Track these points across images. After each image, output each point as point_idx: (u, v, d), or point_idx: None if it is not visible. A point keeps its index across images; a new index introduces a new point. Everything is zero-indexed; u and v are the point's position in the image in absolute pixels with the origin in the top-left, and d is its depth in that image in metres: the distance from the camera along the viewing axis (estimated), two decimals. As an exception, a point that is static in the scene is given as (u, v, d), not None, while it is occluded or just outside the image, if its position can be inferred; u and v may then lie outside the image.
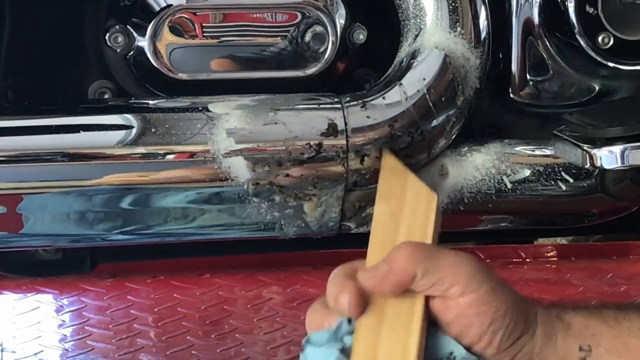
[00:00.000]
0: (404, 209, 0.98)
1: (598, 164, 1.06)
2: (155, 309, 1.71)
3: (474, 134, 1.24)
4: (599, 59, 1.18)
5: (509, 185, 1.15)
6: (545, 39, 1.20)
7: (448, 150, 1.14)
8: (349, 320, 0.90)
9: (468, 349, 0.90)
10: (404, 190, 1.00)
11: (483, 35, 1.14)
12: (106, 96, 1.18)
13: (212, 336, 1.66)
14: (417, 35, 1.13)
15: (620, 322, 0.95)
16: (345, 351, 0.89)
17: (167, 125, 1.07)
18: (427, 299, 0.90)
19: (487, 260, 1.71)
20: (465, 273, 0.90)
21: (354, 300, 0.90)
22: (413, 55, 1.12)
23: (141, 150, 1.06)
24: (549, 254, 1.86)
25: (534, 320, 0.93)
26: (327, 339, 0.90)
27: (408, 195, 0.99)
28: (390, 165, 1.05)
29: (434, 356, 0.90)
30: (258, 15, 1.16)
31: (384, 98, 1.10)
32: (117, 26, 1.17)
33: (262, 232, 1.12)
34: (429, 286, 0.90)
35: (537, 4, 1.19)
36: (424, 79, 1.10)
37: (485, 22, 1.14)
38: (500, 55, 1.22)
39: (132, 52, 1.17)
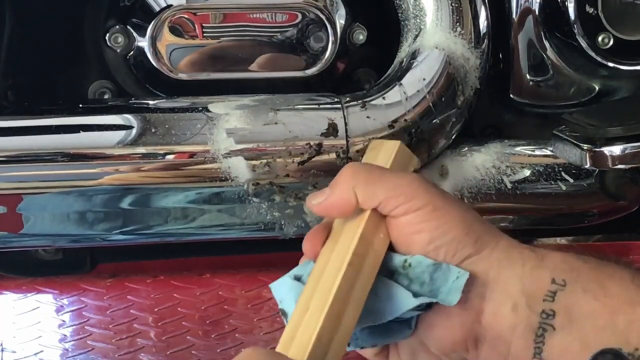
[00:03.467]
0: (375, 162, 0.98)
1: (598, 163, 1.06)
2: (155, 309, 1.71)
3: (474, 134, 1.24)
4: (599, 59, 1.18)
5: (509, 185, 1.15)
6: (545, 39, 1.20)
7: (448, 150, 1.14)
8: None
9: None
10: (377, 154, 0.99)
11: (483, 35, 1.14)
12: (106, 96, 1.18)
13: (212, 336, 1.66)
14: (417, 36, 1.13)
15: (602, 266, 0.87)
16: (302, 279, 0.89)
17: (167, 125, 1.07)
18: (379, 216, 0.89)
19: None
20: (406, 193, 0.87)
21: (308, 243, 0.91)
22: (413, 55, 1.12)
23: (141, 150, 1.06)
24: (549, 254, 1.86)
25: (490, 243, 0.87)
26: (289, 274, 0.92)
27: (379, 155, 0.99)
28: (372, 145, 1.04)
29: (389, 269, 0.88)
30: (258, 15, 1.16)
31: (384, 98, 1.10)
32: (117, 26, 1.17)
33: (262, 232, 1.12)
34: (374, 206, 0.88)
35: (537, 4, 1.19)
36: (424, 79, 1.10)
37: (485, 22, 1.14)
38: (500, 55, 1.22)
39: (132, 52, 1.17)
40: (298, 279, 0.90)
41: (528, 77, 1.22)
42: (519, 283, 0.86)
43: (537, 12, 1.19)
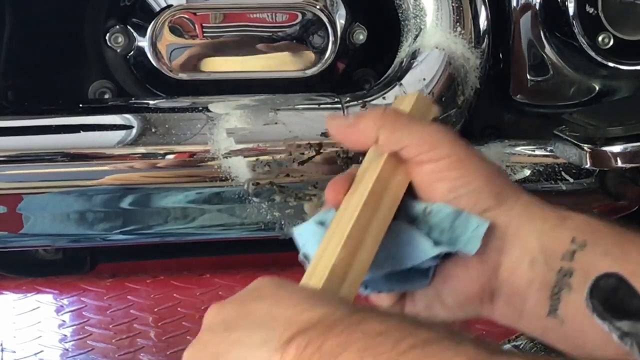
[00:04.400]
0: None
1: (598, 163, 1.06)
2: (155, 309, 1.71)
3: (474, 134, 1.24)
4: (599, 59, 1.18)
5: (509, 185, 1.15)
6: (545, 39, 1.20)
7: (448, 150, 1.14)
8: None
9: None
10: (400, 104, 0.99)
11: (483, 35, 1.14)
12: (106, 96, 1.18)
13: (212, 336, 1.66)
14: (417, 36, 1.13)
15: (625, 232, 0.85)
16: (325, 224, 0.89)
17: (167, 125, 1.07)
18: (398, 159, 0.88)
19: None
20: (431, 142, 0.86)
21: (330, 191, 0.90)
22: (413, 55, 1.12)
23: (141, 150, 1.06)
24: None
25: (511, 198, 0.86)
26: (311, 219, 0.90)
27: (403, 103, 0.98)
28: (397, 100, 1.03)
29: (410, 216, 0.88)
30: (258, 15, 1.16)
31: (384, 98, 1.10)
32: (117, 26, 1.17)
33: (262, 232, 1.12)
34: (395, 150, 0.87)
35: (537, 4, 1.19)
36: (424, 79, 1.10)
37: (485, 22, 1.14)
38: (500, 55, 1.22)
39: (132, 52, 1.17)
40: (321, 224, 0.90)
41: (528, 77, 1.22)
42: (539, 240, 0.84)
43: (537, 12, 1.19)
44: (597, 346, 0.81)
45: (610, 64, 1.18)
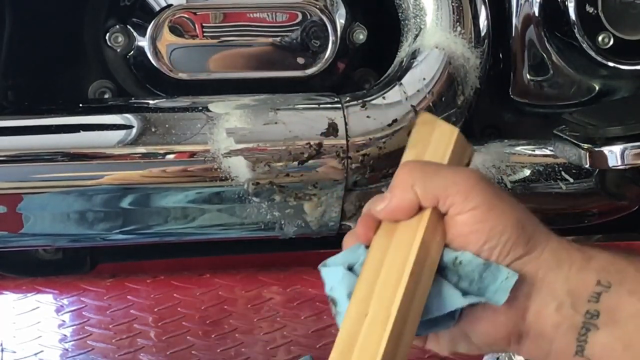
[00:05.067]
0: (428, 149, 0.97)
1: (598, 163, 1.06)
2: (155, 309, 1.71)
3: (474, 134, 1.24)
4: (599, 59, 1.18)
5: (509, 185, 1.15)
6: (545, 39, 1.20)
7: (448, 150, 1.14)
8: (367, 246, 0.90)
9: None
10: (430, 135, 0.98)
11: (483, 35, 1.14)
12: (106, 96, 1.18)
13: (212, 336, 1.66)
14: (417, 35, 1.13)
15: None
16: (354, 269, 0.89)
17: (167, 125, 1.07)
18: (438, 215, 0.89)
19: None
20: (462, 191, 0.88)
21: (362, 225, 0.91)
22: (413, 55, 1.12)
23: (141, 150, 1.06)
24: (549, 254, 1.86)
25: (541, 243, 0.88)
26: (340, 259, 0.91)
27: (434, 137, 0.98)
28: (422, 119, 1.03)
29: (440, 265, 0.89)
30: (258, 15, 1.16)
31: (384, 98, 1.10)
32: (117, 26, 1.17)
33: (262, 232, 1.12)
34: (434, 203, 0.89)
35: (537, 4, 1.19)
36: (424, 79, 1.10)
37: (485, 22, 1.14)
38: (500, 55, 1.22)
39: (132, 52, 1.17)
40: (350, 268, 0.90)
41: (528, 77, 1.22)
42: (565, 284, 0.87)
43: (537, 12, 1.19)
44: None
45: (610, 64, 1.18)
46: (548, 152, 1.16)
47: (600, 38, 1.17)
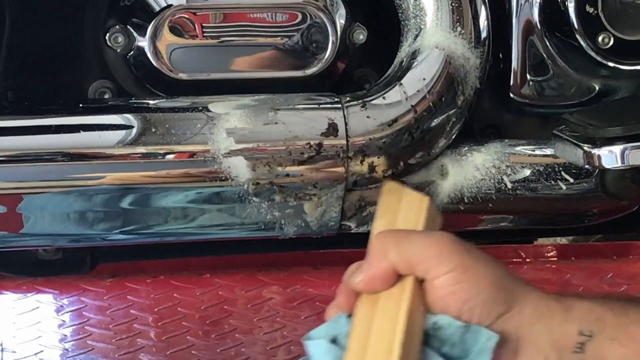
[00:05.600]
0: (398, 218, 0.99)
1: (598, 163, 1.06)
2: (155, 309, 1.71)
3: (474, 134, 1.24)
4: (599, 59, 1.18)
5: (509, 185, 1.15)
6: (545, 39, 1.20)
7: (448, 150, 1.14)
8: (349, 315, 0.90)
9: None
10: (399, 203, 1.01)
11: (483, 35, 1.14)
12: (106, 96, 1.18)
13: (212, 336, 1.66)
14: (417, 35, 1.13)
15: (627, 311, 0.91)
16: (338, 341, 0.89)
17: (167, 125, 1.06)
18: (418, 282, 0.90)
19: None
20: (435, 255, 0.89)
21: (342, 295, 0.92)
22: (413, 55, 1.12)
23: (141, 150, 1.06)
24: (549, 254, 1.86)
25: (520, 299, 0.90)
26: (323, 332, 0.91)
27: (402, 205, 1.00)
28: (388, 187, 1.05)
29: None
30: (258, 15, 1.16)
31: (384, 98, 1.10)
32: (117, 26, 1.17)
33: (262, 232, 1.12)
34: (410, 270, 0.89)
35: (537, 4, 1.19)
36: (424, 79, 1.10)
37: (485, 22, 1.14)
38: (500, 55, 1.22)
39: (132, 52, 1.17)
40: (333, 340, 0.90)
41: (528, 77, 1.22)
42: (549, 337, 0.89)
43: (537, 12, 1.19)
44: None
45: (610, 64, 1.18)
46: (548, 152, 1.16)
47: (600, 38, 1.17)
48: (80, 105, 1.10)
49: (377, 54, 1.21)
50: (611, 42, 1.17)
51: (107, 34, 1.17)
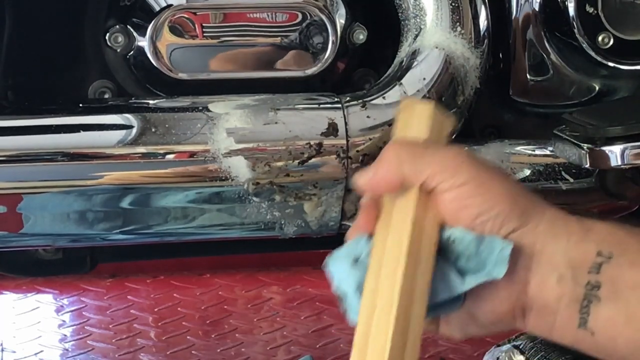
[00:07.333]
0: (410, 131, 0.97)
1: (598, 163, 1.06)
2: (155, 309, 1.71)
3: (474, 134, 1.24)
4: (599, 59, 1.18)
5: (509, 185, 1.15)
6: (545, 39, 1.20)
7: (448, 150, 1.14)
8: (370, 236, 0.90)
9: None
10: (411, 117, 0.98)
11: (483, 35, 1.14)
12: (106, 96, 1.18)
13: (212, 336, 1.66)
14: (417, 35, 1.13)
15: None
16: (360, 261, 0.89)
17: (167, 125, 1.07)
18: (425, 193, 0.88)
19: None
20: (450, 168, 0.87)
21: (362, 217, 0.91)
22: (413, 55, 1.12)
23: (141, 150, 1.06)
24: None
25: (536, 216, 0.87)
26: (344, 253, 0.90)
27: (413, 119, 0.97)
28: (403, 106, 1.02)
29: (439, 246, 0.88)
30: (258, 15, 1.16)
31: (384, 98, 1.10)
32: (117, 26, 1.17)
33: (262, 232, 1.12)
34: (421, 182, 0.88)
35: (537, 4, 1.19)
36: (424, 79, 1.10)
37: (485, 22, 1.14)
38: (500, 55, 1.22)
39: (132, 52, 1.17)
40: (356, 260, 0.90)
41: (528, 77, 1.22)
42: (565, 255, 0.86)
43: (537, 12, 1.19)
44: (629, 353, 0.84)
45: (610, 64, 1.18)
46: (548, 152, 1.16)
47: (600, 38, 1.17)
48: (80, 105, 1.11)
49: (377, 54, 1.21)
50: (611, 42, 1.17)
51: (107, 34, 1.17)
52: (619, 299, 0.84)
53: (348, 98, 1.10)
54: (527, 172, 1.15)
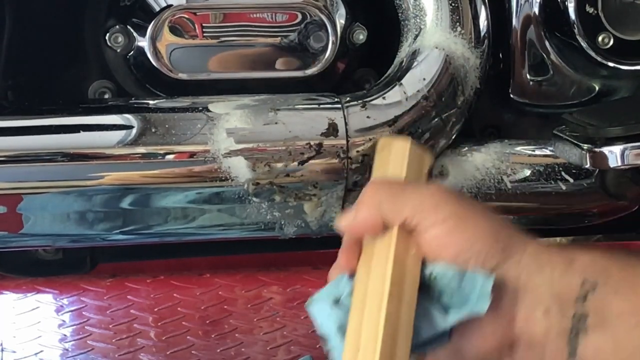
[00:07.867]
0: (389, 168, 0.99)
1: (598, 163, 1.06)
2: (155, 309, 1.71)
3: (474, 134, 1.24)
4: (599, 59, 1.18)
5: (509, 185, 1.15)
6: (545, 39, 1.20)
7: (448, 150, 1.14)
8: (351, 276, 0.90)
9: None
10: (389, 155, 1.00)
11: (483, 35, 1.14)
12: (106, 96, 1.18)
13: (212, 336, 1.66)
14: (417, 35, 1.13)
15: (632, 265, 0.87)
16: (341, 302, 0.89)
17: (167, 125, 1.07)
18: (406, 231, 0.89)
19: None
20: (429, 206, 0.88)
21: (343, 256, 0.91)
22: (413, 55, 1.12)
23: (141, 150, 1.06)
24: (549, 254, 1.86)
25: (518, 250, 0.87)
26: (325, 294, 0.90)
27: (391, 156, 0.99)
28: (381, 144, 1.05)
29: (421, 283, 0.88)
30: (258, 15, 1.16)
31: (384, 98, 1.10)
32: (117, 26, 1.17)
33: (262, 232, 1.12)
34: (401, 221, 0.88)
35: (537, 4, 1.19)
36: (424, 79, 1.10)
37: (485, 22, 1.14)
38: (500, 55, 1.22)
39: (132, 52, 1.17)
40: (336, 301, 0.90)
41: (528, 77, 1.22)
42: (550, 288, 0.86)
43: (537, 12, 1.19)
44: None
45: (610, 64, 1.18)
46: (548, 152, 1.16)
47: (600, 38, 1.17)
48: (80, 105, 1.11)
49: (377, 54, 1.21)
50: (611, 42, 1.17)
51: (107, 34, 1.17)
52: (606, 328, 0.85)
53: (348, 98, 1.10)
54: (527, 172, 1.15)
